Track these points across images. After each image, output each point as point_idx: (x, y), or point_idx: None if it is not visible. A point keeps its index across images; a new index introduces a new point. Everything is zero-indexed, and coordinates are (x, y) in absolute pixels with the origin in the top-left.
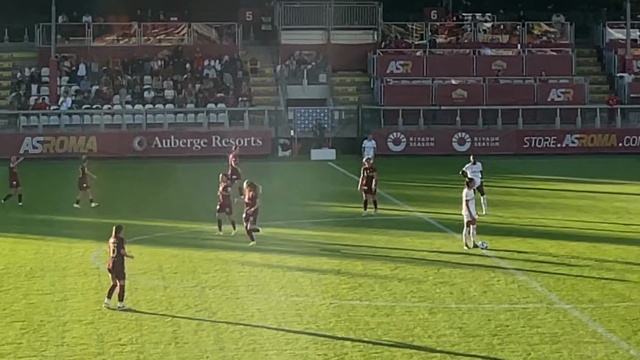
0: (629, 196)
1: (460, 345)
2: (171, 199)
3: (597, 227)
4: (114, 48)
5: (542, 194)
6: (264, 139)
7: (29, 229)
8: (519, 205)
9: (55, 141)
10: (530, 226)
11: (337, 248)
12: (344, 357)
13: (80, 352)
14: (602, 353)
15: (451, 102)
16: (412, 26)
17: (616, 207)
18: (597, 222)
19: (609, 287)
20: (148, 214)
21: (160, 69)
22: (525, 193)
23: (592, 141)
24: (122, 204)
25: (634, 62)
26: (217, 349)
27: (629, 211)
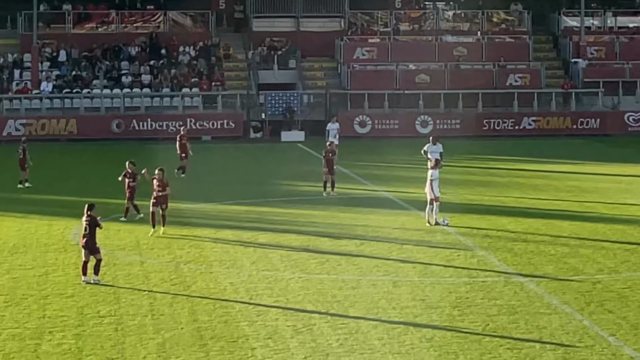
0: (582, 175)
1: (422, 317)
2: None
3: (552, 204)
4: (93, 35)
5: (500, 173)
6: (237, 121)
7: (13, 207)
8: (479, 184)
9: (37, 124)
10: (489, 204)
11: (306, 225)
12: (312, 327)
13: (61, 324)
14: (556, 323)
15: (414, 87)
16: (378, 14)
17: (570, 186)
18: (552, 200)
19: (564, 261)
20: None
21: (137, 55)
22: (484, 173)
23: (547, 124)
24: (100, 183)
25: (588, 49)
26: (191, 321)
27: (582, 189)
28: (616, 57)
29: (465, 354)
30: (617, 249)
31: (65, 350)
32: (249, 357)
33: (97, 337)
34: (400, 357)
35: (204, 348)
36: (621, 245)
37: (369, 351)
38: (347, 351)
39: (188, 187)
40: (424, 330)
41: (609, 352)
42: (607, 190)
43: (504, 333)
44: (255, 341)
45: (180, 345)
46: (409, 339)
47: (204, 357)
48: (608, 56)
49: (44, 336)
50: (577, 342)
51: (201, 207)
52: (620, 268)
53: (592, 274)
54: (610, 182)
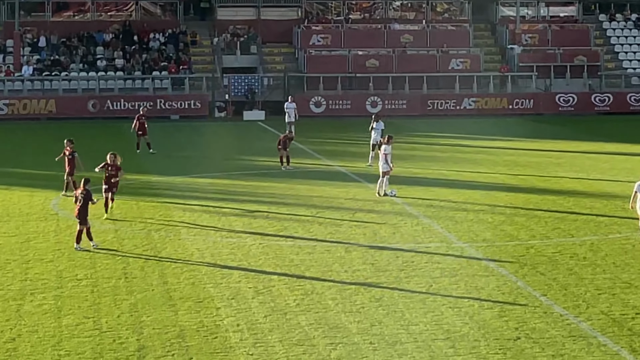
0: (517, 151)
1: (372, 279)
2: (121, 154)
3: (490, 177)
4: (71, 22)
5: (443, 149)
6: (202, 102)
7: None
8: (423, 159)
9: (19, 104)
10: (432, 177)
11: (265, 196)
12: (271, 289)
13: (42, 286)
14: (493, 284)
15: (365, 70)
16: (332, 4)
17: (506, 160)
18: (489, 173)
19: (500, 229)
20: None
21: (111, 41)
22: (428, 148)
23: (486, 104)
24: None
25: (523, 36)
26: (161, 283)
27: (517, 163)
28: (548, 44)
29: (410, 312)
30: (549, 217)
31: (46, 310)
32: (214, 316)
33: (74, 298)
34: (352, 315)
35: (172, 308)
36: (552, 213)
37: (323, 310)
38: (303, 310)
39: (158, 162)
40: (373, 291)
41: (541, 311)
42: (540, 164)
43: (446, 293)
44: (220, 301)
45: (151, 305)
46: (360, 299)
47: (173, 316)
48: (541, 43)
49: (26, 297)
50: (512, 301)
51: (170, 180)
52: (551, 234)
53: (526, 239)
54: (542, 156)
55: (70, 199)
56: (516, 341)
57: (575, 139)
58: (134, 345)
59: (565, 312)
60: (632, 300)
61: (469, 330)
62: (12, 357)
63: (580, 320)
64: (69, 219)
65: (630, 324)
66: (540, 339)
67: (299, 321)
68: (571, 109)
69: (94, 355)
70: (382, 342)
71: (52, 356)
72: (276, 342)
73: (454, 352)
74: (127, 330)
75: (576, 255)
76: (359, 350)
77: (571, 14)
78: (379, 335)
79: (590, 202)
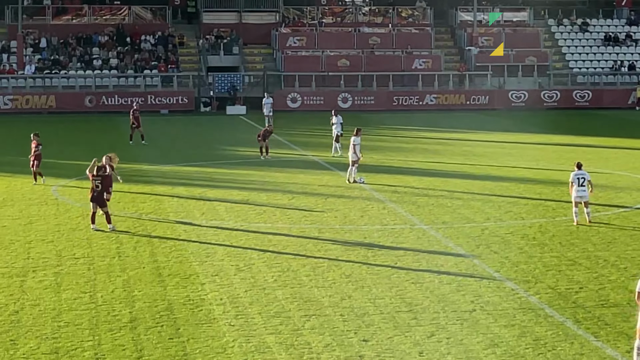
0: (473, 142)
1: (342, 257)
2: (115, 144)
3: (449, 166)
4: (69, 25)
5: (407, 140)
6: (189, 97)
7: (1, 168)
8: (389, 150)
9: (22, 99)
10: (397, 165)
11: (246, 183)
12: (251, 266)
13: (43, 264)
14: (452, 262)
15: (337, 69)
16: (307, 9)
17: (464, 151)
18: (449, 162)
19: (458, 212)
20: (97, 155)
21: (106, 42)
22: (394, 140)
23: (446, 100)
24: (77, 148)
25: (479, 38)
26: (151, 261)
27: (473, 154)
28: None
29: (377, 287)
30: (502, 202)
31: (46, 286)
32: (200, 291)
33: (73, 275)
34: (324, 290)
35: (162, 283)
36: (505, 198)
37: (298, 285)
38: (280, 285)
39: (149, 152)
40: (343, 267)
41: (494, 285)
42: (494, 154)
43: (409, 270)
44: (205, 277)
45: (143, 281)
46: (331, 275)
47: (162, 290)
48: (495, 44)
49: (29, 274)
50: (469, 277)
51: (159, 168)
52: (504, 217)
53: (481, 222)
54: (496, 147)
55: (68, 187)
56: (472, 313)
57: (525, 131)
58: (126, 317)
59: (517, 287)
60: (576, 276)
61: (430, 303)
62: (16, 327)
63: (529, 294)
64: (68, 203)
65: (575, 297)
66: (493, 310)
67: (276, 295)
68: (522, 105)
69: (90, 326)
70: (352, 314)
71: (52, 327)
72: (256, 315)
73: (416, 322)
74: (120, 304)
75: (526, 235)
76: (330, 321)
77: (523, 18)
78: (349, 307)
79: (539, 188)
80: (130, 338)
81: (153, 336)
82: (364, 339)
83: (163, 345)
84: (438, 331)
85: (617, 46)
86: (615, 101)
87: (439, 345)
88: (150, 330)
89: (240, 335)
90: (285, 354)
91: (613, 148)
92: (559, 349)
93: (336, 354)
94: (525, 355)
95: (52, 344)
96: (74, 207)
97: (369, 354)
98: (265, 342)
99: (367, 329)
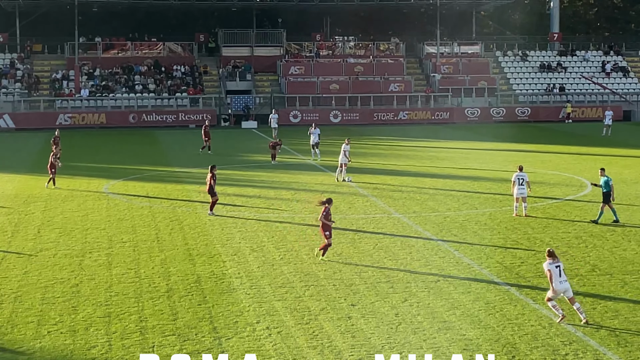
0: (438, 148)
1: (334, 239)
2: (153, 152)
3: (418, 167)
4: (116, 58)
5: (385, 148)
6: (212, 115)
7: (63, 171)
8: (371, 155)
9: (79, 117)
10: (377, 167)
11: (258, 182)
12: (262, 248)
13: (97, 247)
14: (420, 243)
15: (329, 92)
16: (305, 44)
17: (430, 155)
18: (418, 165)
19: (426, 204)
20: (139, 161)
21: (145, 71)
22: (375, 147)
23: (416, 115)
24: (122, 156)
25: (442, 67)
26: (183, 244)
27: (437, 158)
28: (460, 72)
29: (362, 263)
30: (461, 196)
31: (100, 264)
32: (222, 267)
33: (121, 256)
34: (320, 265)
35: (191, 261)
36: (462, 193)
37: (300, 262)
38: (286, 262)
39: (182, 158)
40: (335, 247)
41: (454, 261)
42: (454, 157)
43: (387, 250)
44: (226, 257)
45: (176, 260)
46: (326, 254)
47: (192, 267)
48: (454, 72)
49: (86, 255)
50: (433, 255)
51: (189, 170)
52: (462, 207)
53: (444, 211)
54: (456, 152)
55: (116, 186)
56: (437, 283)
57: (479, 140)
58: (164, 288)
59: (472, 262)
60: (518, 253)
61: (404, 275)
62: (76, 297)
63: (482, 267)
64: (116, 199)
65: (517, 270)
66: (454, 281)
67: (282, 270)
68: (476, 119)
69: (135, 295)
70: (342, 284)
71: (105, 296)
72: (266, 285)
73: (392, 290)
74: (159, 278)
75: (479, 222)
76: (325, 290)
77: (476, 51)
78: (339, 279)
79: (489, 184)
80: (167, 304)
81: (185, 303)
82: (352, 303)
83: (193, 310)
84: (410, 297)
85: (550, 72)
86: (549, 116)
87: (411, 308)
88: (182, 298)
89: (254, 302)
90: (290, 316)
91: (547, 153)
92: (505, 310)
93: (330, 316)
94: (478, 315)
95: (105, 309)
96: (121, 202)
97: (355, 316)
98: (274, 307)
99: (354, 295)
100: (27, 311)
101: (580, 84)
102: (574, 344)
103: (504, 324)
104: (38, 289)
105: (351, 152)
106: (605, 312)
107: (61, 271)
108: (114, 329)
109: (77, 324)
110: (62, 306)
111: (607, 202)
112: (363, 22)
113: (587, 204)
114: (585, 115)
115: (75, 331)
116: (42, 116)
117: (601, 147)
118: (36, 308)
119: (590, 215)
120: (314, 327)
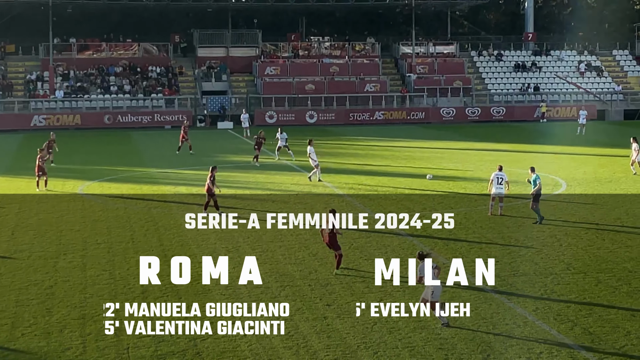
0: (413, 148)
1: (310, 240)
2: (128, 153)
3: (394, 168)
4: (91, 59)
5: (360, 148)
6: (188, 115)
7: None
8: (346, 155)
9: (54, 118)
10: (353, 168)
11: (234, 182)
12: (238, 248)
13: (72, 248)
14: (396, 242)
15: (305, 92)
16: (281, 45)
17: (406, 155)
18: (394, 165)
19: (401, 203)
20: (114, 162)
21: (120, 72)
22: (350, 147)
23: (391, 115)
24: (98, 157)
25: (417, 67)
26: (158, 245)
27: (413, 157)
28: (435, 72)
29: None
30: (436, 195)
31: (75, 265)
32: (197, 268)
33: (96, 257)
34: (295, 266)
35: (167, 263)
36: (438, 192)
37: (275, 262)
38: (261, 263)
39: (157, 159)
40: (311, 248)
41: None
42: (430, 157)
43: (362, 249)
44: (201, 257)
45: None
46: (301, 254)
47: (167, 268)
48: (430, 72)
49: (60, 256)
50: (408, 255)
51: (165, 171)
52: (437, 207)
53: (420, 210)
54: (432, 152)
55: (90, 187)
56: (412, 283)
57: (454, 140)
58: (139, 290)
59: (447, 261)
60: (493, 251)
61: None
62: (51, 299)
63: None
64: (91, 200)
65: (492, 269)
66: None
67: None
68: (451, 119)
69: (110, 297)
70: (317, 285)
71: (80, 298)
72: (241, 286)
73: (368, 290)
74: (133, 279)
75: (455, 221)
76: (300, 290)
77: (451, 51)
78: (315, 279)
79: (464, 184)
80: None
81: (160, 304)
82: (328, 304)
83: (169, 309)
84: (385, 297)
85: (524, 72)
86: (523, 115)
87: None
88: (157, 299)
89: (229, 301)
90: (266, 317)
91: (522, 152)
92: (480, 309)
93: (305, 316)
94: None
95: (80, 311)
96: (96, 203)
97: (331, 316)
98: (249, 307)
99: (329, 296)
100: (1, 313)
101: (555, 84)
102: (548, 342)
103: (478, 322)
104: (12, 291)
105: (327, 153)
106: (579, 310)
107: (35, 273)
108: (89, 331)
109: (51, 326)
110: (36, 308)
111: (536, 200)
112: (339, 23)
113: (561, 203)
114: (559, 114)
115: (49, 333)
116: (17, 118)
117: (575, 146)
118: (10, 310)
119: (566, 214)
120: (289, 327)
